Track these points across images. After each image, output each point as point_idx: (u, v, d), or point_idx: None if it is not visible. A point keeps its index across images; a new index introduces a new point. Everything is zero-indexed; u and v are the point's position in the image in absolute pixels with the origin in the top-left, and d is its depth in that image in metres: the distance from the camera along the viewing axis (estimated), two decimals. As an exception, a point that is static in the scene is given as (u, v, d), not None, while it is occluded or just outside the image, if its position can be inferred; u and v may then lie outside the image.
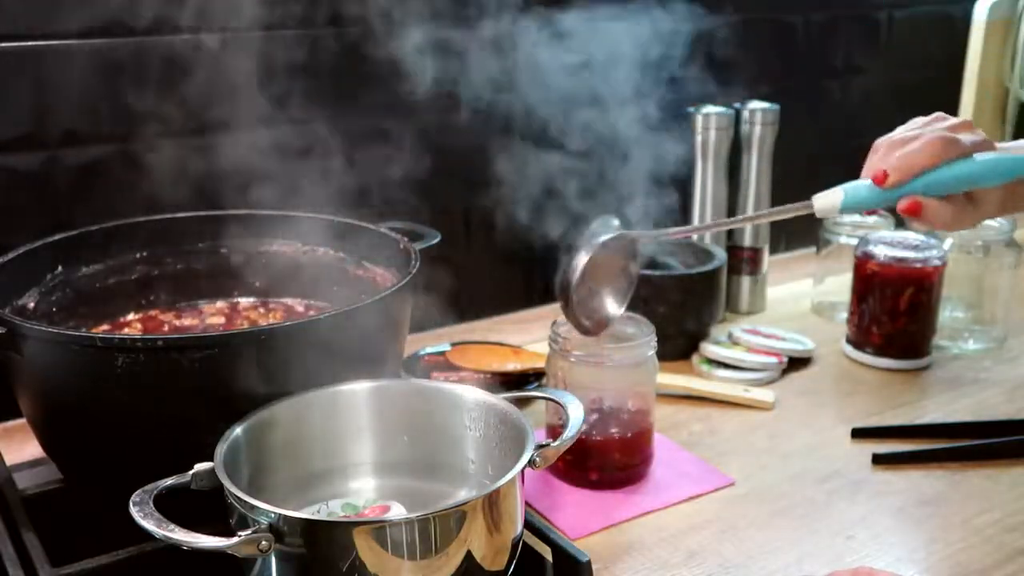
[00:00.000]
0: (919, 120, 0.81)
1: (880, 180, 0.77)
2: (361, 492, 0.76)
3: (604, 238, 0.87)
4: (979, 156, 0.78)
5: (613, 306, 0.90)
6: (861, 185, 0.79)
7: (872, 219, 1.31)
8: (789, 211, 0.82)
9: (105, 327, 0.93)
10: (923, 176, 0.77)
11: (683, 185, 1.31)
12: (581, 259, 0.85)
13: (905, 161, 0.77)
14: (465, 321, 1.27)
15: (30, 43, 0.94)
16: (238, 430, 0.69)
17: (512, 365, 1.07)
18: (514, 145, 1.24)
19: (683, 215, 1.31)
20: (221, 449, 0.66)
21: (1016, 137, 1.69)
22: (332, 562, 0.60)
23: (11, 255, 0.85)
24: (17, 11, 0.93)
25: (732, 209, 1.31)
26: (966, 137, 0.78)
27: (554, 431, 0.90)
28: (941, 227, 0.79)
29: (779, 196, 1.33)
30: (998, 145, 0.80)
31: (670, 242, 1.27)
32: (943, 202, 0.77)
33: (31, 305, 0.86)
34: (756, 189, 1.30)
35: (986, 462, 0.94)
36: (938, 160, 0.77)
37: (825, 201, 0.80)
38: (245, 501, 0.61)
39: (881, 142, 0.80)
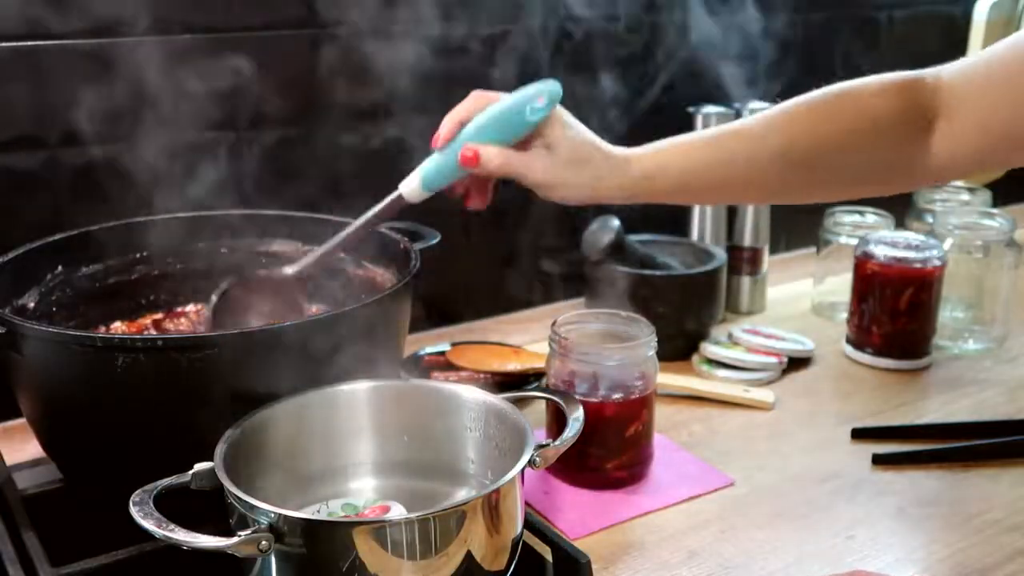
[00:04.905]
0: None
1: (434, 143, 0.82)
2: (361, 492, 0.76)
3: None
4: (508, 95, 0.82)
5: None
6: (430, 159, 0.83)
7: (872, 219, 1.31)
8: (383, 206, 0.85)
9: (105, 327, 0.93)
10: (468, 125, 0.81)
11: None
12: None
13: (447, 116, 0.82)
14: (465, 321, 1.27)
15: (30, 43, 0.94)
16: (238, 430, 0.69)
17: (512, 365, 1.07)
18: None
19: (683, 216, 1.31)
20: (221, 449, 0.66)
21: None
22: (332, 562, 0.60)
23: (11, 255, 0.85)
24: (17, 11, 0.93)
25: (732, 209, 1.31)
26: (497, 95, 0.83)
27: (554, 431, 0.90)
28: (502, 169, 0.81)
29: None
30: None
31: (670, 242, 1.27)
32: (503, 148, 0.80)
33: (31, 305, 0.86)
34: (756, 189, 1.30)
35: (986, 462, 0.94)
36: (472, 107, 0.81)
37: (410, 184, 0.84)
38: (245, 501, 0.61)
39: None
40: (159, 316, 0.96)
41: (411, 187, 0.84)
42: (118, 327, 0.94)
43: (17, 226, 0.93)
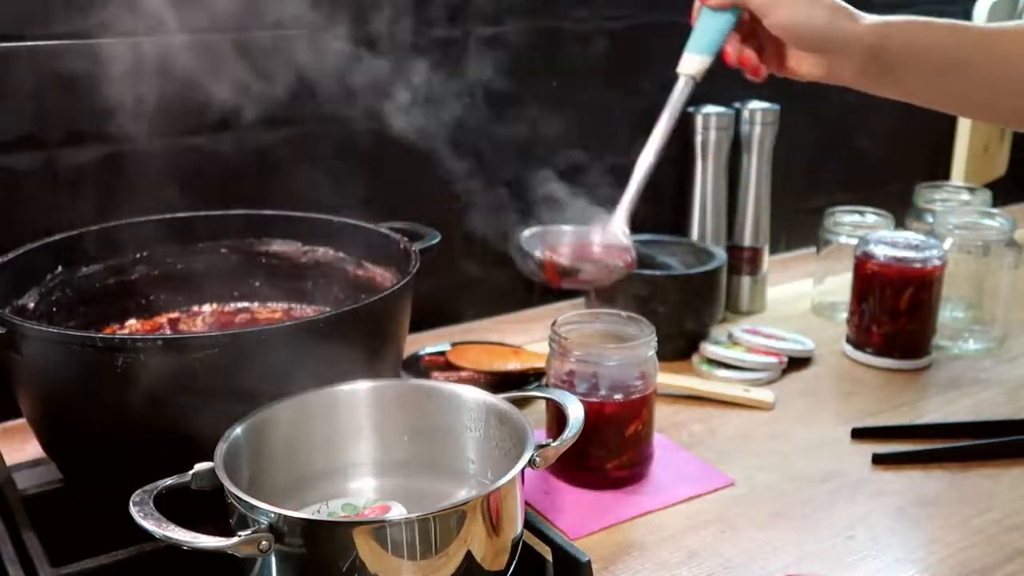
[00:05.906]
0: None
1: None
2: (361, 492, 0.76)
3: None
4: None
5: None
6: (694, 29, 0.82)
7: (872, 219, 1.31)
8: (680, 98, 0.84)
9: (105, 327, 0.93)
10: None
11: (683, 186, 1.31)
12: None
13: None
14: (465, 321, 1.27)
15: (30, 43, 0.94)
16: (238, 430, 0.69)
17: (512, 365, 1.07)
18: (515, 145, 1.24)
19: (683, 216, 1.31)
20: (221, 449, 0.66)
21: (1016, 138, 1.69)
22: (332, 562, 0.60)
23: (11, 255, 0.85)
24: (17, 11, 0.93)
25: (732, 209, 1.31)
26: None
27: (554, 431, 0.90)
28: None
29: (779, 196, 1.33)
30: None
31: (670, 242, 1.27)
32: None
33: (31, 305, 0.86)
34: (756, 189, 1.30)
35: (986, 462, 0.94)
36: None
37: (688, 62, 0.83)
38: (245, 501, 0.61)
39: None
40: (159, 316, 0.97)
41: (691, 63, 0.83)
42: (133, 325, 0.94)
43: (17, 226, 0.93)
